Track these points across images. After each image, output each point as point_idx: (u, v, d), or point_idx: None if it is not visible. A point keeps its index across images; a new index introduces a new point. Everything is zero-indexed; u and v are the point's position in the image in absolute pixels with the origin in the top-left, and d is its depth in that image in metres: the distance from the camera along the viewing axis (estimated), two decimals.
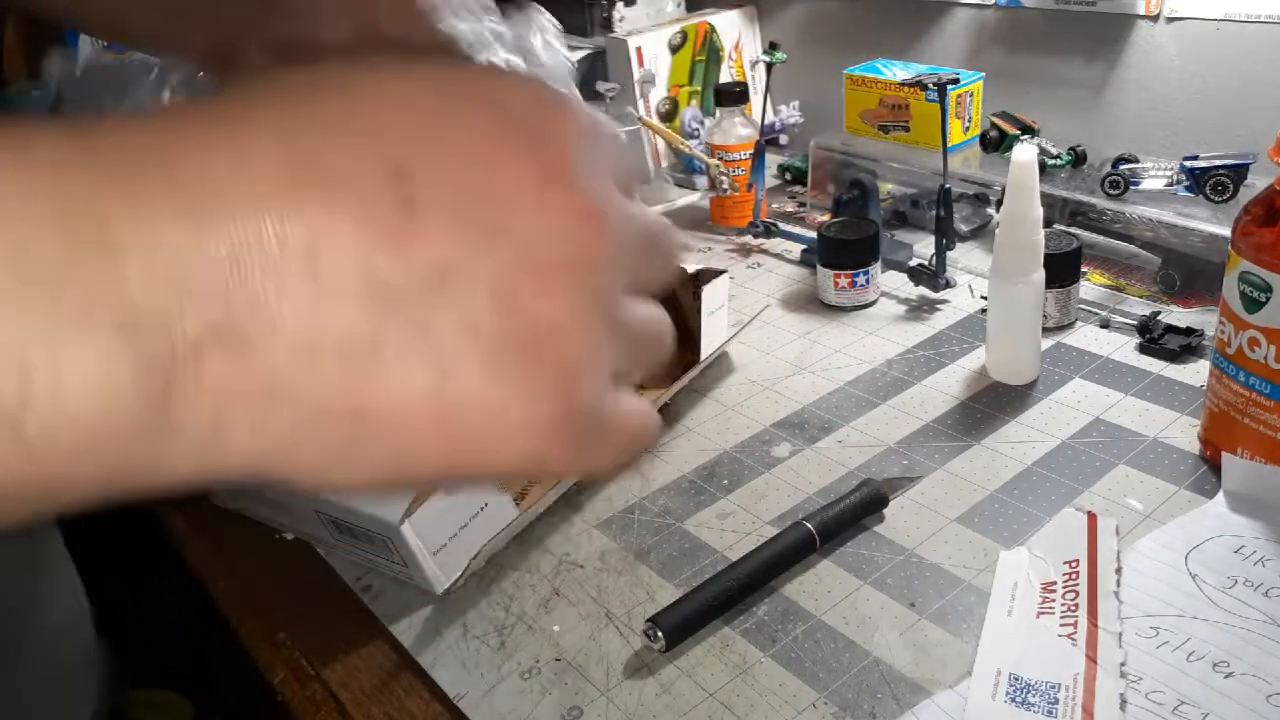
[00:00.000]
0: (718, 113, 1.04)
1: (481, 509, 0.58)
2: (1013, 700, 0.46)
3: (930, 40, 1.08)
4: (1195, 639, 0.48)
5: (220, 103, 0.21)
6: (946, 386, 0.72)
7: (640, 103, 1.18)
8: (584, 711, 0.49)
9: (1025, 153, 0.64)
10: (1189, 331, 0.73)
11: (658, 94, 1.20)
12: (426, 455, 0.21)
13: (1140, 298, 0.80)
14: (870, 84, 0.99)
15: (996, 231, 0.67)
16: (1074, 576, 0.52)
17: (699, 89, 1.23)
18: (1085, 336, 0.76)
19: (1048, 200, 0.76)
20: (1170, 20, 0.88)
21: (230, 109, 0.21)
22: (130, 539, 0.56)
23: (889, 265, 0.87)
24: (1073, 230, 0.82)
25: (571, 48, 1.24)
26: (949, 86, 0.81)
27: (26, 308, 0.17)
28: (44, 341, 0.17)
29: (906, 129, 0.99)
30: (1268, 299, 0.53)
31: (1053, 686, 0.46)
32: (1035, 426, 0.66)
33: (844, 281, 0.83)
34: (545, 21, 0.84)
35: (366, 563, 0.61)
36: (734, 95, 1.03)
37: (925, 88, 0.82)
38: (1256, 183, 0.77)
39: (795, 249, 0.97)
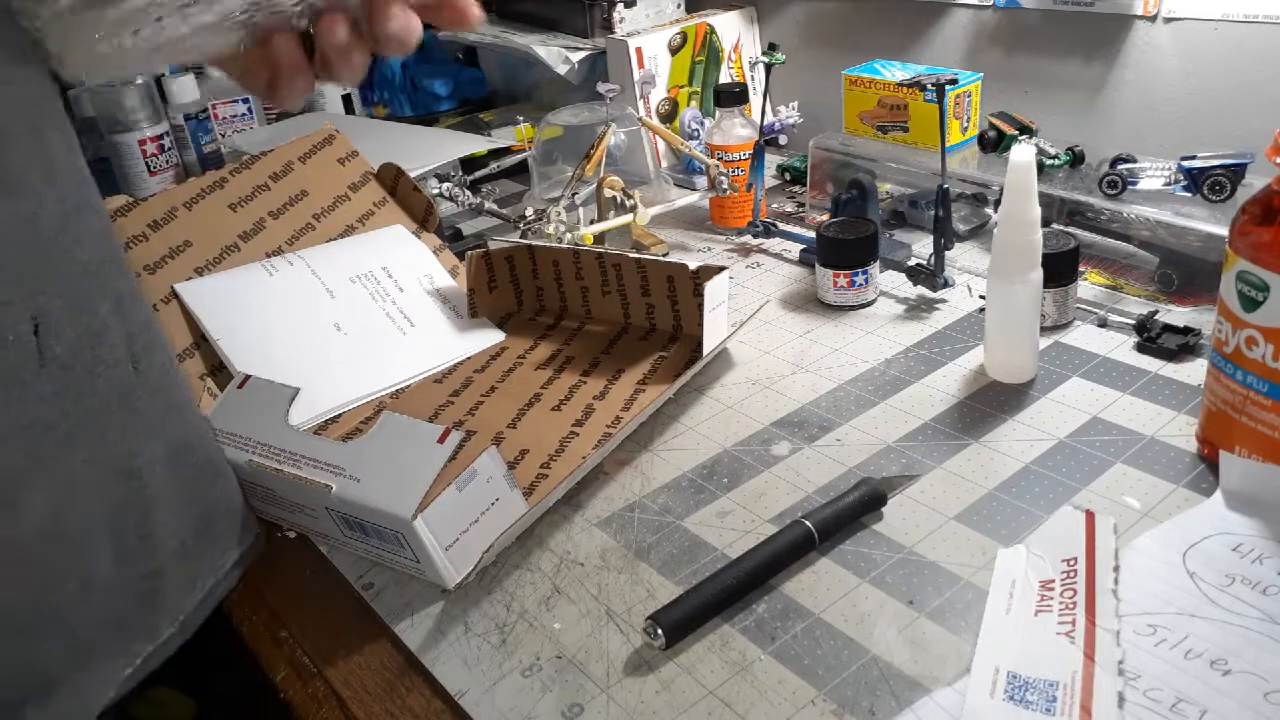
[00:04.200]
0: (717, 113, 1.04)
1: (492, 504, 0.58)
2: (1011, 698, 0.46)
3: (929, 41, 1.08)
4: (1193, 637, 0.48)
5: None
6: (945, 385, 0.72)
7: (640, 104, 1.18)
8: (584, 709, 0.49)
9: (1023, 153, 0.64)
10: (1186, 330, 0.73)
11: (658, 95, 1.20)
12: None
13: (1138, 297, 0.80)
14: (869, 84, 1.00)
15: (995, 231, 0.68)
16: (1072, 574, 0.52)
17: (699, 90, 1.23)
18: (1083, 336, 0.76)
19: (1046, 200, 0.76)
20: (1168, 21, 0.88)
21: None
22: None
23: (887, 265, 0.88)
24: (1071, 230, 0.82)
25: (572, 49, 1.24)
26: (947, 87, 0.81)
27: None
28: None
29: (905, 129, 0.99)
30: (1265, 298, 0.54)
31: (1051, 684, 0.46)
32: (1033, 425, 0.67)
33: (843, 281, 0.84)
34: None
35: (375, 559, 0.61)
36: (733, 96, 1.03)
37: (924, 88, 0.83)
38: (1254, 182, 0.77)
39: (794, 249, 0.97)
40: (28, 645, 0.48)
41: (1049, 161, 0.88)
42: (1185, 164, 0.79)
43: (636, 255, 0.81)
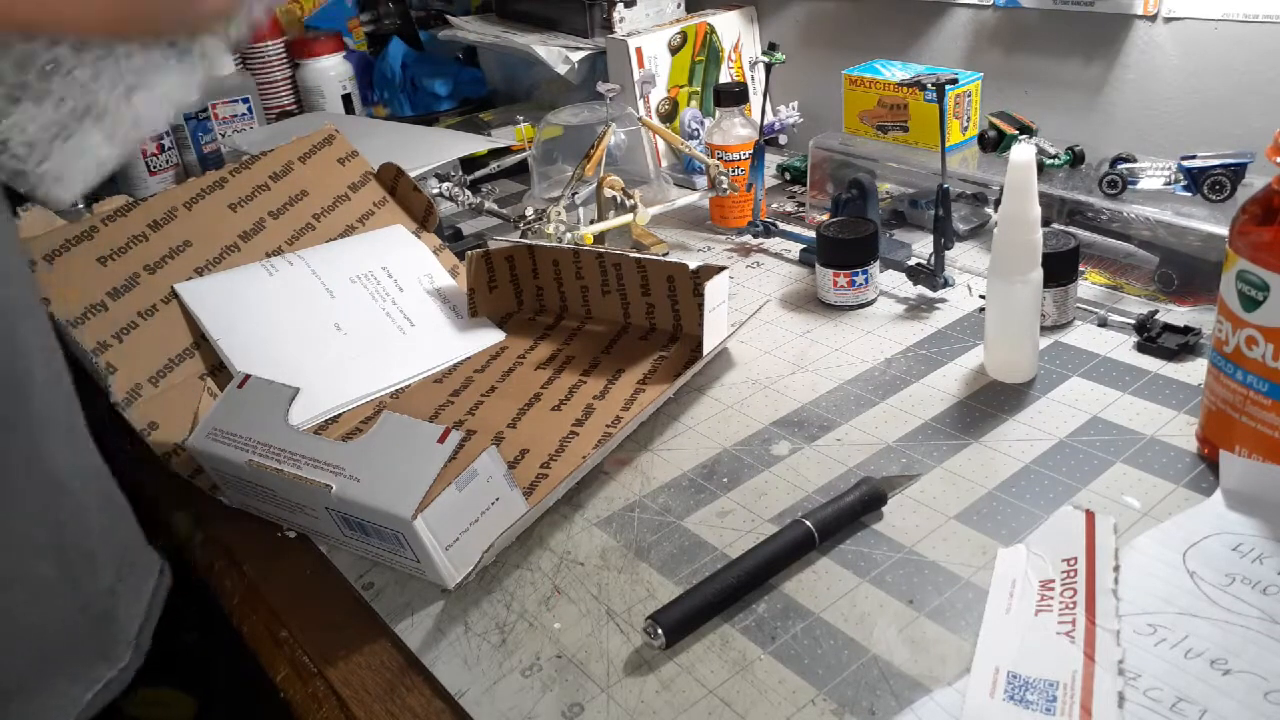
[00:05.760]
0: (717, 113, 1.04)
1: (492, 504, 0.58)
2: (1011, 698, 0.46)
3: (929, 40, 1.08)
4: (1193, 636, 0.48)
5: None
6: (945, 385, 0.72)
7: (640, 103, 1.18)
8: (584, 708, 0.50)
9: (1023, 152, 0.64)
10: (1187, 330, 0.73)
11: (658, 94, 1.20)
12: None
13: (1138, 296, 0.80)
14: (869, 84, 1.00)
15: (995, 231, 0.68)
16: (1072, 574, 0.52)
17: (699, 89, 1.23)
18: (1083, 335, 0.76)
19: (1046, 200, 0.76)
20: (1168, 20, 0.88)
21: None
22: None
23: (888, 265, 0.88)
24: (1071, 229, 0.82)
25: (572, 48, 1.24)
26: (947, 86, 0.81)
27: None
28: None
29: (905, 129, 0.99)
30: (1265, 297, 0.54)
31: (1051, 684, 0.46)
32: (1033, 425, 0.67)
33: (843, 281, 0.84)
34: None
35: (375, 559, 0.61)
36: (733, 96, 1.03)
37: (924, 88, 0.83)
38: (1254, 182, 0.77)
39: (794, 249, 0.97)
40: None
41: (1049, 161, 0.88)
42: (1185, 164, 0.79)
43: (636, 255, 0.81)
